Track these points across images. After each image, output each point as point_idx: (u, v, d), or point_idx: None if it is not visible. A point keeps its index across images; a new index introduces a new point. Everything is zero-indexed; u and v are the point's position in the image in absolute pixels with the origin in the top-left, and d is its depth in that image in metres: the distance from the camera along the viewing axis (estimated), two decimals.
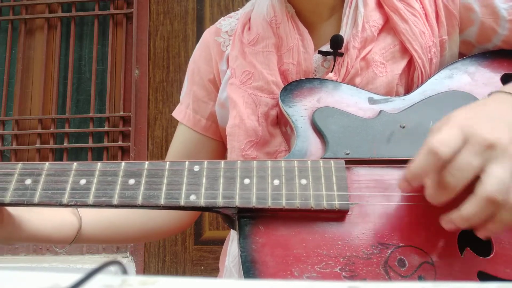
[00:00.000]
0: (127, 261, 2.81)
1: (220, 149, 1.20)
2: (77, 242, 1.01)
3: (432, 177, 0.71)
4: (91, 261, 2.75)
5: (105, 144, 2.98)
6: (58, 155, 3.02)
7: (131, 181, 0.78)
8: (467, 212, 0.68)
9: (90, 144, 2.97)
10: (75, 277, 0.41)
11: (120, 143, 2.96)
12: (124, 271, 0.46)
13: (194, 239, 2.88)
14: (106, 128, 2.99)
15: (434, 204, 0.73)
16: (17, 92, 3.09)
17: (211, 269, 2.78)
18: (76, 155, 3.02)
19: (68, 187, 0.78)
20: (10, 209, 0.89)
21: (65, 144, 2.98)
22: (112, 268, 0.45)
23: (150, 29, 3.13)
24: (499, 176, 0.66)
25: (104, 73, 3.08)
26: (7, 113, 3.08)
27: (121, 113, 2.99)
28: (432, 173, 0.70)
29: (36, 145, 3.00)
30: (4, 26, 3.20)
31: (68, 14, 3.14)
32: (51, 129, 3.02)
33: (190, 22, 3.11)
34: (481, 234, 0.71)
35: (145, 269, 2.86)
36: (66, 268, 2.67)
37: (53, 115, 3.02)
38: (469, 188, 0.68)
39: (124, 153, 2.98)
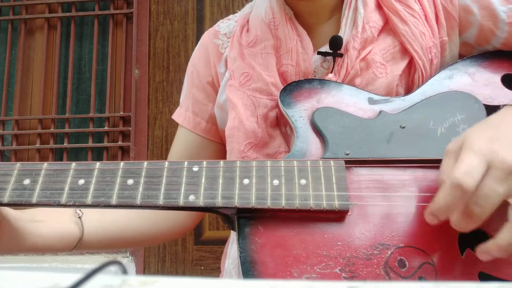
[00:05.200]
0: (127, 261, 2.81)
1: (221, 151, 1.19)
2: (77, 250, 0.99)
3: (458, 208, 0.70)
4: (91, 261, 2.74)
5: (105, 144, 2.97)
6: (58, 155, 3.02)
7: (130, 181, 0.78)
8: (505, 241, 0.67)
9: (90, 144, 2.97)
10: (75, 277, 0.41)
11: (120, 143, 2.96)
12: (124, 271, 0.46)
13: (194, 239, 2.87)
14: (106, 128, 2.99)
15: (461, 232, 0.72)
16: (17, 92, 3.09)
17: (211, 269, 2.78)
18: (76, 155, 3.02)
19: (67, 187, 0.77)
20: (12, 220, 0.88)
21: (65, 144, 2.98)
22: (112, 268, 0.45)
23: (150, 29, 3.13)
24: None
25: (104, 73, 3.08)
26: (7, 113, 3.08)
27: (121, 113, 2.99)
28: (459, 206, 0.69)
29: (36, 145, 3.00)
30: (4, 26, 3.20)
31: (68, 14, 3.14)
32: (51, 129, 3.02)
33: (190, 22, 3.11)
34: None
35: (145, 269, 2.86)
36: (66, 268, 2.67)
37: (53, 115, 3.02)
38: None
39: (124, 153, 2.97)
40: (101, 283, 0.41)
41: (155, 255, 2.90)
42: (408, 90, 0.99)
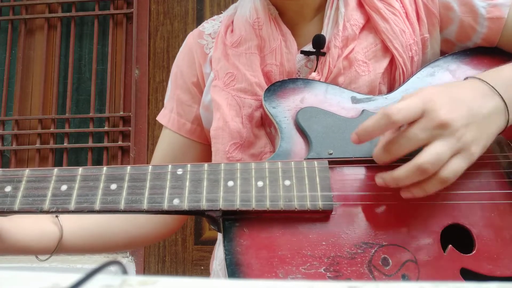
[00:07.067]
0: (127, 261, 2.81)
1: (206, 152, 1.18)
2: (58, 252, 1.00)
3: (381, 138, 0.79)
4: (91, 261, 2.75)
5: (105, 144, 2.98)
6: (58, 155, 3.03)
7: (113, 186, 0.78)
8: (398, 174, 0.74)
9: (90, 144, 2.98)
10: (75, 277, 0.41)
11: (120, 143, 2.97)
12: (124, 271, 0.46)
13: (194, 239, 2.88)
14: (106, 128, 2.99)
15: (377, 162, 0.80)
16: (17, 92, 3.10)
17: None
18: (76, 155, 3.03)
19: (49, 193, 0.77)
20: None
21: (65, 144, 2.99)
22: (112, 268, 0.45)
23: (150, 29, 3.13)
24: (438, 152, 0.72)
25: (104, 73, 3.08)
26: (7, 113, 3.09)
27: (121, 113, 2.99)
28: (381, 135, 0.77)
29: (36, 145, 3.01)
30: (4, 26, 3.21)
31: (68, 14, 3.15)
32: (51, 129, 3.02)
33: (190, 22, 3.11)
34: (404, 195, 0.77)
35: (145, 269, 2.86)
36: (66, 268, 2.68)
37: (53, 115, 3.03)
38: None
39: (124, 153, 2.98)
40: (101, 283, 0.42)
41: (155, 255, 2.90)
42: (391, 88, 1.00)
